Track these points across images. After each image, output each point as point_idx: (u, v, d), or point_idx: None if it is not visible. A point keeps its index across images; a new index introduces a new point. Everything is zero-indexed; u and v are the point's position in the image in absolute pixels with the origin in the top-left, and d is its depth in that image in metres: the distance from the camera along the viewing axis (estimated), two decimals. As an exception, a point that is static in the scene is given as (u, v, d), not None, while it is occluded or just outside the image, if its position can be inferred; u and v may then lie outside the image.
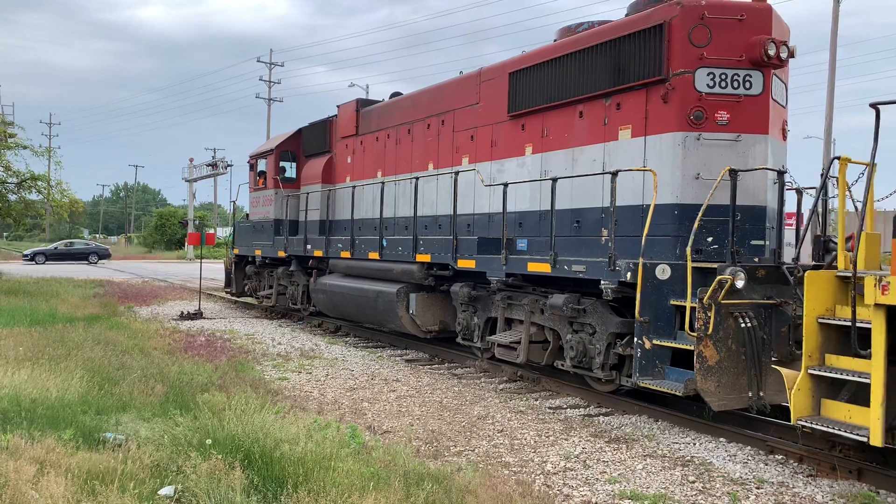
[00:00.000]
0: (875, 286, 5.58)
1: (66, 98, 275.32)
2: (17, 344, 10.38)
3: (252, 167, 18.83)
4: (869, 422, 5.70)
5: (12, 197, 26.93)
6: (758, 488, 6.16)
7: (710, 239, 8.15)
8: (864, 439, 5.75)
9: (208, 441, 5.85)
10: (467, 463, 6.43)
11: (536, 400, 9.26)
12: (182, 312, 17.56)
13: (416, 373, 10.96)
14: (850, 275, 5.93)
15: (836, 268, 6.45)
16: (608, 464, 6.71)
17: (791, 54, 8.47)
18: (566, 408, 8.86)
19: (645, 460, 6.84)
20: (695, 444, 7.47)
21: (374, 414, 8.33)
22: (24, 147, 26.79)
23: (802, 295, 6.31)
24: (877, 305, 5.61)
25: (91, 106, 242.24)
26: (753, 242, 8.30)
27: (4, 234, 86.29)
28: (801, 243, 7.50)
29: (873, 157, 5.84)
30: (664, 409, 8.42)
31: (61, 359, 9.36)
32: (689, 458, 6.96)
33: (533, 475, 6.29)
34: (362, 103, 14.95)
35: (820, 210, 7.81)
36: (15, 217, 27.47)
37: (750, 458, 7.01)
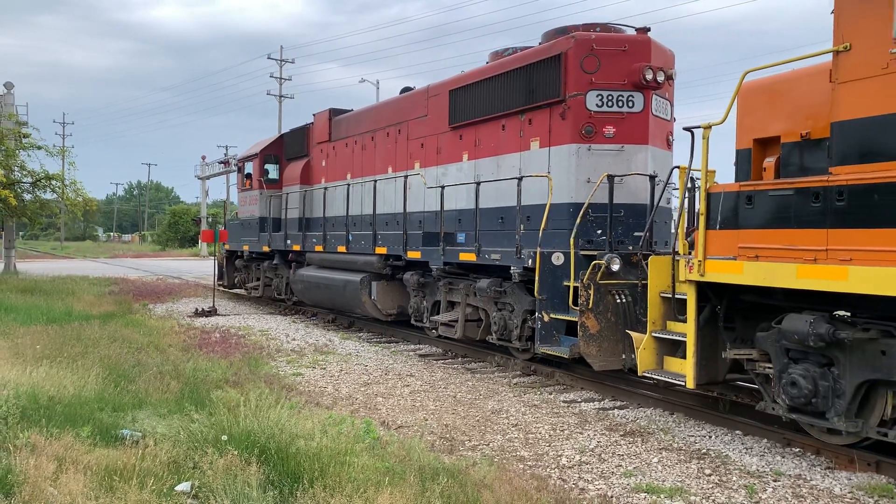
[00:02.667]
0: (685, 266, 7.29)
1: (80, 98, 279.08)
2: (35, 342, 10.44)
3: (240, 169, 20.42)
4: (687, 371, 7.42)
5: (27, 196, 26.98)
6: (775, 481, 6.12)
7: (599, 231, 9.81)
8: (682, 383, 7.47)
9: (224, 437, 5.87)
10: (482, 457, 6.42)
11: (550, 394, 9.31)
12: (196, 309, 17.48)
13: (430, 367, 11.08)
14: (680, 258, 7.63)
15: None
16: (623, 457, 6.70)
17: (668, 77, 10.13)
18: (581, 401, 8.96)
19: (660, 453, 6.84)
20: (710, 436, 7.47)
21: (388, 409, 8.38)
22: (39, 147, 26.98)
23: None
24: (689, 281, 7.33)
25: (105, 105, 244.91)
26: (636, 234, 9.95)
27: (20, 233, 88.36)
28: (650, 232, 9.14)
29: (689, 165, 7.54)
30: (680, 401, 8.61)
31: (78, 356, 9.38)
32: (705, 450, 6.98)
33: (548, 469, 6.31)
34: (334, 112, 16.61)
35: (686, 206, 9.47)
36: (30, 216, 27.79)
37: (766, 450, 7.00)
